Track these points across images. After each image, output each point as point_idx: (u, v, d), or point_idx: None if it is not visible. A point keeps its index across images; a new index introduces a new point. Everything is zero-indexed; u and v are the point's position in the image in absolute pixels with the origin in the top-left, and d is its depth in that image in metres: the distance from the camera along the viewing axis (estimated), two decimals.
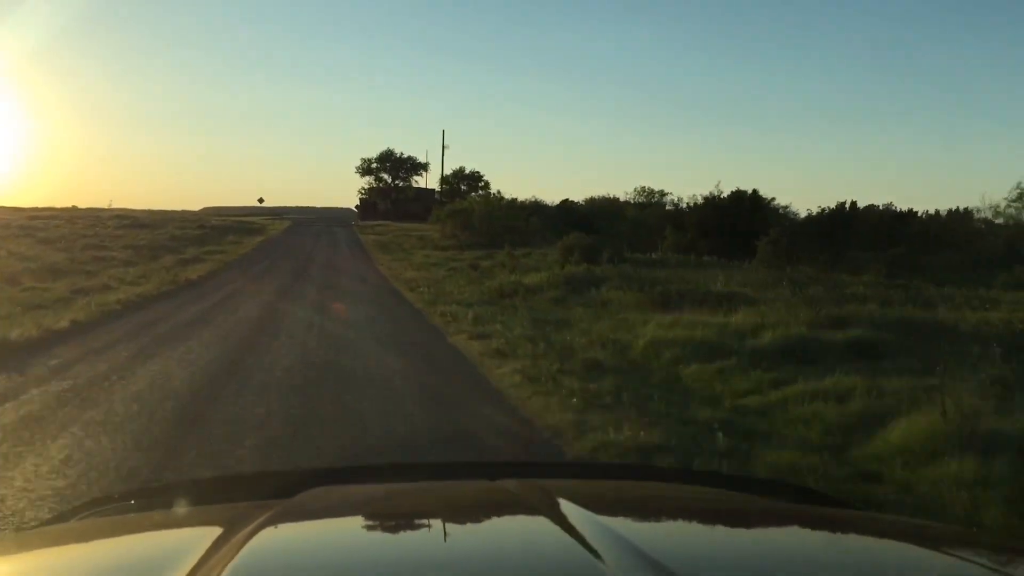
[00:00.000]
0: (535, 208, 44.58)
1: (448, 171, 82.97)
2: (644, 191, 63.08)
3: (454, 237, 42.03)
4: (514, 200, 42.96)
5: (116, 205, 65.01)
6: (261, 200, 79.12)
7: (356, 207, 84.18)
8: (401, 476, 1.97)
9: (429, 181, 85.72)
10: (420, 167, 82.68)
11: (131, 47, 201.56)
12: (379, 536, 1.48)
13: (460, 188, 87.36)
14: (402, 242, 44.49)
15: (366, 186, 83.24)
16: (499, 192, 43.20)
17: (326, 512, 1.55)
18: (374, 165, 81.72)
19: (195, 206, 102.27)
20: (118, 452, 5.81)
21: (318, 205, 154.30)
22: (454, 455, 5.70)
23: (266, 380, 8.36)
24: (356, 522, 1.56)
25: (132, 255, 31.18)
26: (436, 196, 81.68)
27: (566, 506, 1.37)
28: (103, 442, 6.04)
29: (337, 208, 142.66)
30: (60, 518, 1.81)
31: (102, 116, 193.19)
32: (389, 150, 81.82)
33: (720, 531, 1.51)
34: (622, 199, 59.25)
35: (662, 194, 63.54)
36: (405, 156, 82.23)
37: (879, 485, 5.18)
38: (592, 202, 53.26)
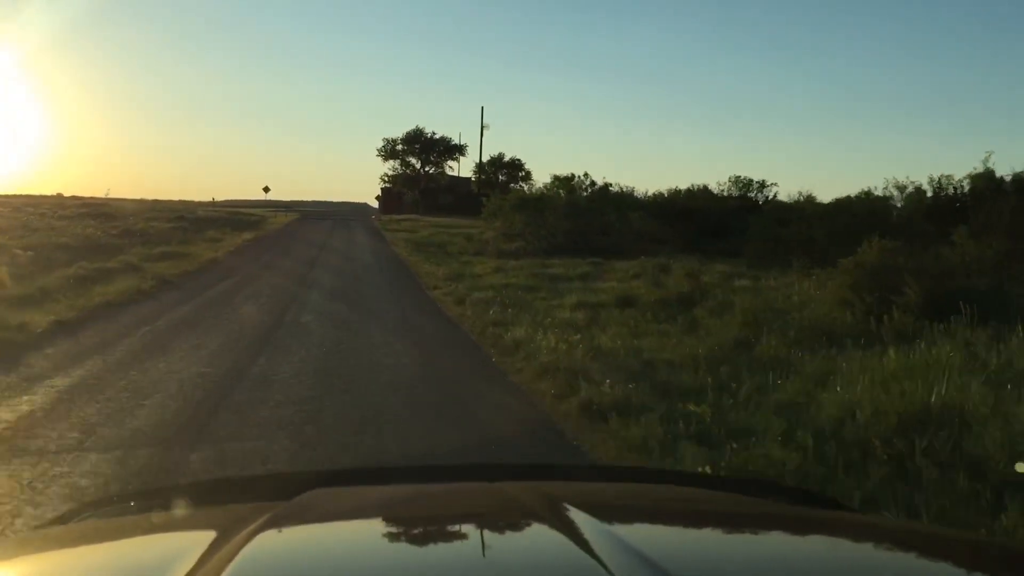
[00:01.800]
0: (630, 200, 31.58)
1: (484, 157, 70.07)
2: (740, 181, 50.39)
3: (520, 238, 29.43)
4: (607, 187, 30.21)
5: (114, 195, 58.72)
6: (267, 189, 66.21)
7: (377, 198, 71.10)
8: (400, 479, 1.95)
9: (461, 169, 72.78)
10: (455, 150, 69.22)
11: (144, 37, 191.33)
12: (378, 539, 1.43)
13: (498, 178, 74.82)
14: (445, 243, 31.98)
15: (390, 172, 69.95)
16: (586, 175, 30.62)
17: (325, 515, 1.49)
18: (400, 147, 68.09)
19: (213, 197, 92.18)
20: None
21: (334, 199, 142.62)
22: None
23: None
24: (355, 525, 1.50)
25: (28, 260, 19.49)
26: (472, 187, 68.98)
27: (567, 509, 1.34)
28: None
29: (353, 203, 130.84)
30: (59, 520, 1.76)
31: (118, 108, 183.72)
32: (418, 129, 68.27)
33: (721, 535, 1.46)
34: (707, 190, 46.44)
35: (763, 185, 50.68)
36: (437, 137, 68.91)
37: None
38: (690, 194, 40.41)
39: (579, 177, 30.30)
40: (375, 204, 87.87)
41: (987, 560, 1.25)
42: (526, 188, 35.74)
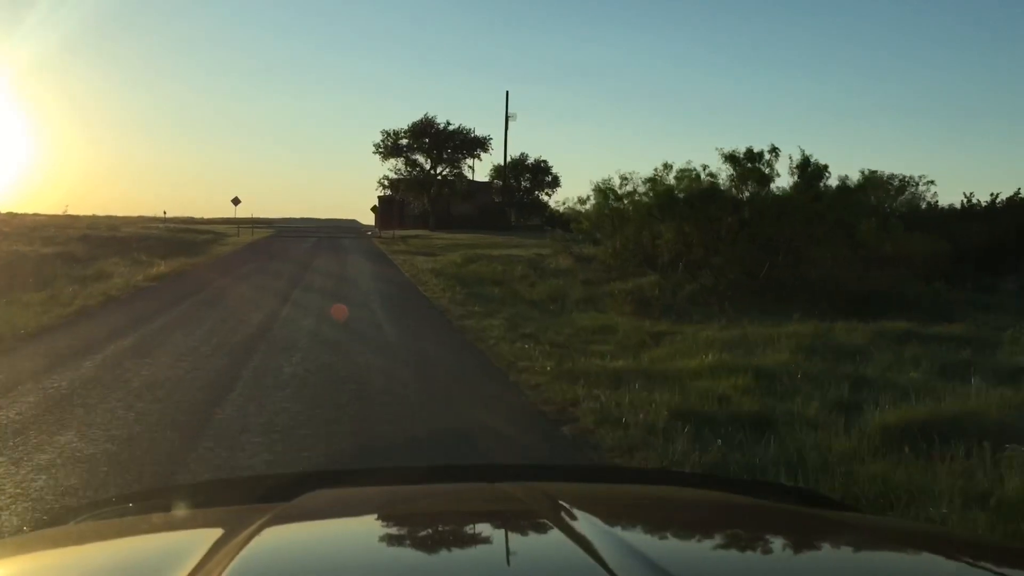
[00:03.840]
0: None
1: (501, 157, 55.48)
2: (874, 179, 37.00)
3: (653, 269, 15.30)
4: (822, 171, 15.75)
5: (72, 211, 49.76)
6: (236, 201, 51.48)
7: (372, 209, 55.96)
8: (400, 479, 1.93)
9: (476, 173, 58.22)
10: (476, 145, 53.79)
11: (114, 51, 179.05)
12: (378, 540, 1.38)
13: (519, 184, 60.60)
14: (502, 277, 17.71)
15: (392, 174, 54.43)
16: (774, 151, 16.20)
17: (324, 515, 1.47)
18: (404, 142, 52.63)
19: (164, 211, 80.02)
20: None
21: (319, 216, 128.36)
22: None
23: None
24: (355, 525, 1.48)
25: None
26: (492, 194, 54.69)
27: (567, 509, 1.32)
28: None
29: (341, 219, 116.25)
30: (58, 521, 1.75)
31: (104, 126, 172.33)
32: (428, 119, 52.93)
33: (722, 535, 1.41)
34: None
35: (904, 184, 37.89)
36: (452, 128, 53.02)
37: None
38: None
39: (768, 156, 15.96)
40: (366, 222, 72.99)
41: (987, 560, 1.21)
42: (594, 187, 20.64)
